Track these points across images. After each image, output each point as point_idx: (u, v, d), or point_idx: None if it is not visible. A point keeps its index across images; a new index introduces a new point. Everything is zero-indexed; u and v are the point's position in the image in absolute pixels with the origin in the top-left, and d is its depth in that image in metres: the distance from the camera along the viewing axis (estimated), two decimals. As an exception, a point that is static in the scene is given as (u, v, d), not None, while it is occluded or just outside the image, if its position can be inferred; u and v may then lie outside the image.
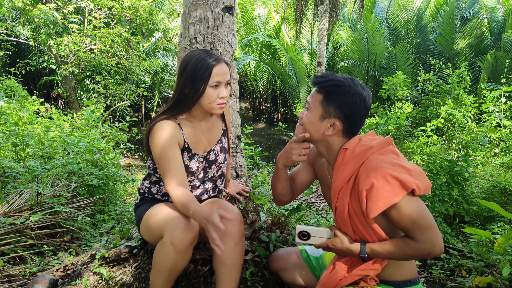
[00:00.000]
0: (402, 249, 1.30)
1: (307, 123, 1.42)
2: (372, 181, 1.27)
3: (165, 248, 1.47)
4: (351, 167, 1.35)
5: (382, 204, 1.26)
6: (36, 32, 8.50)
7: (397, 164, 1.30)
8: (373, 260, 1.38)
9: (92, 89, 9.26)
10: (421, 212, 1.27)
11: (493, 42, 10.09)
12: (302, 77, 11.67)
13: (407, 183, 1.25)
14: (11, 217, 2.43)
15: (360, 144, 1.37)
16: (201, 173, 1.74)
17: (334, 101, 1.35)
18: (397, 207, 1.26)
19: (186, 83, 1.57)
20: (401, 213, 1.27)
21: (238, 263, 1.60)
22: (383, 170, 1.27)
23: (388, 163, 1.29)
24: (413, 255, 1.30)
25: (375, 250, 1.34)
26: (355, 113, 1.36)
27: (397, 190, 1.25)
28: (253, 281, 1.83)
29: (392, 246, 1.31)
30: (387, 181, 1.25)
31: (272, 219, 2.30)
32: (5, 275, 2.08)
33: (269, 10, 14.14)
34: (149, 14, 9.14)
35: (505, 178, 3.15)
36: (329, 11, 9.10)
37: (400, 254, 1.31)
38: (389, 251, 1.32)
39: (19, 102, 5.12)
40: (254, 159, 4.45)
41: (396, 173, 1.26)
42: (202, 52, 1.60)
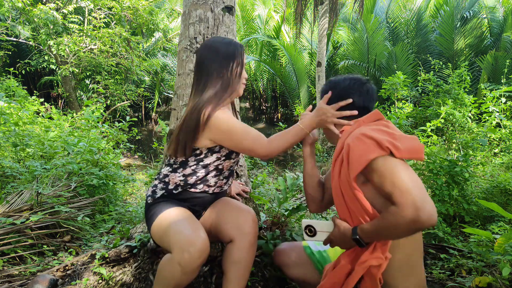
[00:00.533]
0: (386, 220, 1.19)
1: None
2: (348, 144, 1.29)
3: (172, 266, 1.42)
4: (339, 145, 1.39)
5: (358, 163, 1.24)
6: (36, 32, 8.50)
7: (378, 129, 1.30)
8: (372, 248, 1.29)
9: (92, 89, 9.26)
10: (401, 172, 1.19)
11: (493, 42, 10.09)
12: (302, 77, 11.66)
13: (382, 142, 1.23)
14: (11, 217, 2.43)
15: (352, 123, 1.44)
16: (226, 173, 1.72)
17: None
18: (374, 169, 1.23)
19: (224, 67, 1.60)
20: (379, 174, 1.22)
21: (249, 263, 1.61)
22: (360, 132, 1.29)
23: (368, 128, 1.31)
24: (398, 226, 1.16)
25: (364, 229, 1.27)
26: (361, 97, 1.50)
27: (372, 148, 1.23)
28: (253, 281, 1.83)
29: (378, 219, 1.24)
30: (362, 140, 1.26)
31: (272, 219, 2.30)
32: (5, 275, 2.08)
33: (269, 10, 14.14)
34: (149, 14, 9.15)
35: (505, 178, 3.15)
36: (329, 11, 9.10)
37: (386, 226, 1.20)
38: (376, 226, 1.23)
39: (19, 102, 5.11)
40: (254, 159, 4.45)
41: (371, 134, 1.26)
42: (220, 37, 1.68)
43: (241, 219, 1.61)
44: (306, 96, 11.71)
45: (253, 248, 1.61)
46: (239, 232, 1.58)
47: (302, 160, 1.71)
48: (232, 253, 1.57)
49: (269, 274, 1.91)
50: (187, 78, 2.27)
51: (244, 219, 1.61)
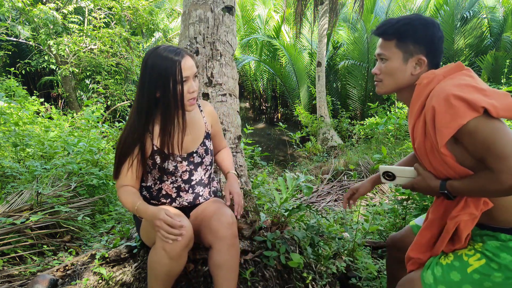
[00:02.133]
0: (479, 182, 1.15)
1: (389, 73, 1.34)
2: (433, 107, 1.17)
3: (157, 254, 1.46)
4: (419, 101, 1.27)
5: (447, 130, 1.14)
6: (36, 32, 8.50)
7: (466, 84, 1.17)
8: (463, 203, 1.25)
9: (92, 89, 9.26)
10: (497, 135, 1.09)
11: (493, 42, 10.10)
12: (302, 77, 11.67)
13: (475, 102, 1.10)
14: (11, 217, 2.44)
15: (426, 75, 1.28)
16: (186, 175, 1.70)
17: (410, 39, 1.30)
18: (467, 131, 1.12)
19: (155, 86, 1.49)
20: (472, 137, 1.12)
21: (234, 265, 1.58)
22: (445, 92, 1.15)
23: (454, 85, 1.17)
24: (493, 190, 1.12)
25: (454, 186, 1.23)
26: (434, 41, 1.31)
27: (462, 111, 1.11)
28: (253, 281, 1.83)
29: (470, 180, 1.18)
30: (450, 103, 1.13)
31: (272, 219, 2.30)
32: (5, 275, 2.08)
33: (269, 10, 14.14)
34: (149, 14, 9.15)
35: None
36: (329, 11, 9.10)
37: (478, 187, 1.16)
38: (467, 185, 1.19)
39: (19, 102, 5.11)
40: (254, 159, 4.46)
41: (460, 93, 1.12)
42: (161, 48, 1.51)
43: (214, 223, 1.56)
44: (306, 96, 11.71)
45: (232, 249, 1.57)
46: (215, 237, 1.55)
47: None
48: (213, 258, 1.56)
49: (269, 274, 1.91)
50: (187, 78, 2.27)
51: (217, 223, 1.56)
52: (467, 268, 1.25)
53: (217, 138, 1.90)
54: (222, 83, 2.29)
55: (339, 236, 2.55)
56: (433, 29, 1.31)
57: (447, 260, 1.31)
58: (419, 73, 1.32)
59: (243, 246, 1.96)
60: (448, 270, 1.28)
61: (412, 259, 1.41)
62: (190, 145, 1.70)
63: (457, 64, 1.28)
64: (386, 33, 1.33)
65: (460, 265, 1.27)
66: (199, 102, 1.80)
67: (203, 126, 1.77)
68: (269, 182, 3.93)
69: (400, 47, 1.31)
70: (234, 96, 2.37)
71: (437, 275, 1.30)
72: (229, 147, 2.25)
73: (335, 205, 4.29)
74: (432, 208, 1.38)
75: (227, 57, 2.34)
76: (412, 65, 1.32)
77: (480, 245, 1.28)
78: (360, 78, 10.83)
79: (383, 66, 1.36)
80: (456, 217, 1.26)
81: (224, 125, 2.26)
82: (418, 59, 1.31)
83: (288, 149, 10.45)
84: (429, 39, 1.30)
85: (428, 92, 1.24)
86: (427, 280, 1.31)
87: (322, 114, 9.40)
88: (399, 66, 1.32)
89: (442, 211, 1.34)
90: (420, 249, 1.39)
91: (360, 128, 8.07)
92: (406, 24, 1.30)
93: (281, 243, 2.00)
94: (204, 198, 1.78)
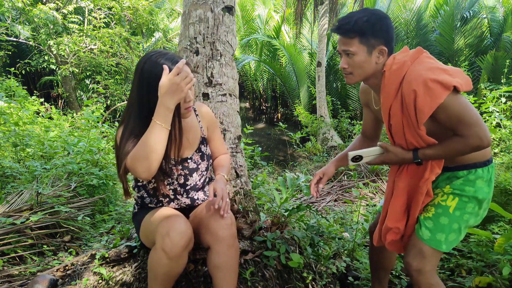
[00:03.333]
0: (451, 147, 1.40)
1: (358, 66, 1.50)
2: (414, 90, 1.37)
3: (157, 254, 1.45)
4: (393, 85, 1.46)
5: (428, 109, 1.36)
6: (36, 32, 8.50)
7: (434, 67, 1.39)
8: (430, 166, 1.48)
9: (92, 89, 9.26)
10: (465, 107, 1.36)
11: (493, 42, 10.09)
12: (302, 77, 11.66)
13: (447, 83, 1.33)
14: (11, 217, 2.43)
15: (395, 62, 1.46)
16: (182, 179, 1.68)
17: (370, 34, 1.45)
18: (442, 107, 1.36)
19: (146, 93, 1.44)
20: (446, 112, 1.36)
21: (233, 266, 1.56)
22: (422, 77, 1.36)
23: (425, 69, 1.38)
24: (463, 151, 1.40)
25: (426, 153, 1.46)
26: (389, 31, 1.47)
27: (439, 92, 1.34)
28: (253, 281, 1.83)
29: (441, 146, 1.43)
30: (428, 86, 1.35)
31: (272, 219, 2.30)
32: (5, 275, 2.08)
33: (269, 10, 14.14)
34: (149, 14, 9.15)
35: (505, 178, 3.14)
36: (329, 11, 9.10)
37: (450, 152, 1.42)
38: (439, 151, 1.43)
39: (19, 102, 5.11)
40: (254, 159, 4.46)
41: (434, 76, 1.35)
42: (157, 54, 1.46)
43: (213, 224, 1.55)
44: (306, 96, 11.71)
45: (231, 250, 1.55)
46: (214, 238, 1.53)
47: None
48: (212, 260, 1.54)
49: (269, 274, 1.91)
50: (187, 78, 2.26)
51: (216, 224, 1.54)
52: (449, 210, 1.49)
53: (215, 142, 1.83)
54: (222, 83, 2.29)
55: (339, 236, 2.55)
56: (386, 21, 1.47)
57: (431, 212, 1.52)
58: (382, 61, 1.50)
59: (243, 246, 1.96)
60: (436, 218, 1.50)
61: (390, 229, 1.59)
62: (185, 151, 1.67)
63: (418, 49, 1.49)
64: (349, 32, 1.47)
65: (442, 210, 1.50)
66: (195, 105, 1.76)
67: (198, 131, 1.73)
68: (269, 182, 3.93)
69: (363, 42, 1.46)
70: (234, 96, 2.37)
71: (430, 227, 1.50)
72: (229, 147, 2.25)
73: (335, 205, 4.29)
74: (397, 178, 1.58)
75: (227, 57, 2.34)
76: (376, 55, 1.48)
77: (448, 187, 1.52)
78: (360, 78, 10.81)
79: (350, 61, 1.51)
80: (427, 179, 1.48)
81: (224, 125, 2.26)
82: (380, 49, 1.47)
83: (288, 149, 10.45)
84: (385, 31, 1.46)
85: (401, 76, 1.44)
86: (426, 236, 1.49)
87: (322, 114, 9.40)
88: (365, 59, 1.48)
89: (409, 178, 1.55)
90: (396, 217, 1.57)
91: (360, 128, 8.07)
92: (365, 22, 1.45)
93: (281, 243, 2.00)
94: (202, 200, 1.77)
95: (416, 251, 1.49)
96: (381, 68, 1.50)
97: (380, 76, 1.52)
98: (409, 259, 1.50)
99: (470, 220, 1.50)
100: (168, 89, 1.34)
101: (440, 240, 1.47)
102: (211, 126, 1.80)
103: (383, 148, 1.57)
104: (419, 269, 1.47)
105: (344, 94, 11.66)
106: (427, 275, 1.47)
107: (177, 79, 1.34)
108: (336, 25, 1.50)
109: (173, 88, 1.34)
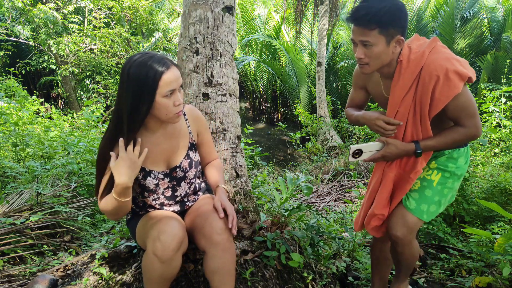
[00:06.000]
0: (452, 137, 1.50)
1: (376, 57, 1.48)
2: (437, 76, 1.42)
3: (149, 259, 1.43)
4: (410, 74, 1.49)
5: (445, 98, 1.42)
6: (36, 32, 8.50)
7: (451, 57, 1.44)
8: (421, 159, 1.57)
9: (92, 89, 9.26)
10: (470, 99, 1.45)
11: (493, 42, 10.09)
12: (302, 77, 11.66)
13: (463, 74, 1.39)
14: (11, 217, 2.43)
15: (412, 52, 1.49)
16: (169, 192, 1.63)
17: (391, 25, 1.42)
18: (455, 97, 1.42)
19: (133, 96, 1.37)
20: (456, 102, 1.43)
21: (229, 269, 1.53)
22: (444, 67, 1.41)
23: (444, 59, 1.43)
24: (461, 140, 1.51)
25: (428, 144, 1.53)
26: (406, 21, 1.47)
27: (456, 83, 1.40)
28: (253, 281, 1.83)
29: (443, 137, 1.51)
30: (448, 76, 1.40)
31: (272, 219, 2.30)
32: (5, 275, 2.08)
33: (269, 10, 14.14)
34: (149, 14, 9.15)
35: (505, 178, 3.14)
36: (329, 11, 9.10)
37: (451, 142, 1.51)
38: (439, 142, 1.52)
39: (19, 102, 5.11)
40: (254, 159, 4.45)
41: (453, 67, 1.40)
42: (144, 56, 1.38)
43: (207, 229, 1.50)
44: (306, 96, 11.71)
45: (226, 254, 1.51)
46: (208, 243, 1.50)
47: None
48: (208, 264, 1.52)
49: (269, 274, 1.91)
50: (187, 78, 2.27)
51: (210, 229, 1.49)
52: (432, 183, 1.61)
53: (205, 148, 1.75)
54: (222, 83, 2.29)
55: (339, 236, 2.55)
56: (404, 9, 1.46)
57: (417, 185, 1.63)
58: (398, 50, 1.50)
59: (243, 246, 1.96)
60: (422, 190, 1.62)
61: (375, 215, 1.68)
62: (173, 158, 1.60)
63: (434, 39, 1.52)
64: (369, 23, 1.42)
65: (427, 183, 1.62)
66: (184, 109, 1.67)
67: (187, 136, 1.65)
68: (269, 182, 3.93)
69: (383, 33, 1.43)
70: (234, 96, 2.37)
71: (416, 198, 1.61)
72: (229, 147, 2.25)
73: (335, 205, 4.29)
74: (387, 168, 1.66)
75: (227, 57, 2.34)
76: (393, 45, 1.48)
77: (433, 163, 1.63)
78: (360, 78, 10.81)
79: (368, 52, 1.47)
80: (418, 171, 1.58)
81: (224, 125, 2.26)
82: (397, 39, 1.46)
83: (288, 149, 10.45)
84: (403, 20, 1.45)
85: (420, 66, 1.47)
86: (412, 206, 1.61)
87: (322, 114, 9.40)
88: (384, 49, 1.47)
89: (398, 167, 1.64)
90: (382, 204, 1.66)
91: (360, 128, 8.07)
92: (385, 13, 1.41)
93: (281, 243, 2.00)
94: (192, 202, 1.74)
95: (402, 222, 1.61)
96: (397, 57, 1.51)
97: (394, 64, 1.54)
98: (396, 231, 1.62)
99: (448, 194, 1.64)
100: (123, 168, 1.38)
101: (423, 210, 1.61)
102: (201, 131, 1.72)
103: (382, 142, 1.61)
104: (404, 238, 1.61)
105: (344, 94, 11.65)
106: (410, 241, 1.64)
107: (130, 155, 1.37)
108: (354, 15, 1.44)
109: (127, 164, 1.39)
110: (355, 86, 1.82)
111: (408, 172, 1.61)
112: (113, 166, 1.39)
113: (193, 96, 2.24)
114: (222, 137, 2.24)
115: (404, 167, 1.63)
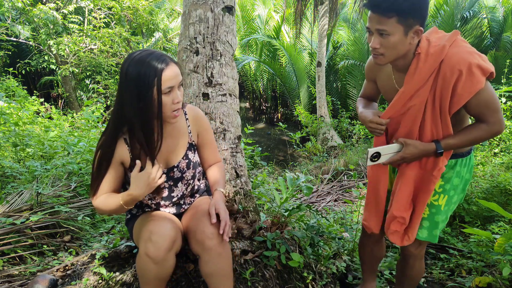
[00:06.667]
0: (475, 134, 1.43)
1: (392, 47, 1.38)
2: (460, 71, 1.34)
3: (142, 260, 1.42)
4: (428, 68, 1.41)
5: (468, 94, 1.35)
6: (36, 32, 8.50)
7: (472, 51, 1.37)
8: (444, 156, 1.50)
9: (92, 89, 9.26)
10: (493, 94, 1.38)
11: (493, 42, 10.09)
12: (302, 77, 11.66)
13: (486, 69, 1.33)
14: (11, 217, 2.43)
15: (432, 45, 1.41)
16: (165, 192, 1.61)
17: (410, 14, 1.33)
18: (477, 92, 1.35)
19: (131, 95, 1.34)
20: (478, 97, 1.36)
21: (225, 272, 1.52)
22: (467, 61, 1.33)
23: (466, 53, 1.36)
24: (485, 137, 1.44)
25: (449, 143, 1.46)
26: (427, 10, 1.38)
27: (479, 78, 1.33)
28: (253, 281, 1.83)
29: (465, 135, 1.44)
30: (471, 71, 1.33)
31: (272, 219, 2.30)
32: (5, 275, 2.08)
33: (269, 10, 14.14)
34: (149, 14, 9.14)
35: (505, 178, 3.14)
36: (329, 11, 9.10)
37: (474, 139, 1.44)
38: (462, 140, 1.45)
39: (19, 102, 5.11)
40: (254, 159, 4.45)
41: (476, 61, 1.33)
42: (143, 54, 1.36)
43: (199, 235, 1.47)
44: (306, 96, 11.71)
45: (220, 259, 1.48)
46: (200, 248, 1.47)
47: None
48: (203, 268, 1.51)
49: (269, 274, 1.91)
50: (187, 78, 2.27)
51: (202, 235, 1.46)
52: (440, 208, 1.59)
53: (207, 150, 1.70)
54: (222, 83, 2.29)
55: (339, 236, 2.55)
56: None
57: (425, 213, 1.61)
58: (416, 41, 1.41)
59: (243, 246, 1.96)
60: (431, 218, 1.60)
61: (395, 218, 1.60)
62: (171, 158, 1.58)
63: (455, 32, 1.43)
64: (387, 11, 1.32)
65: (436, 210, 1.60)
66: (186, 108, 1.64)
67: (186, 136, 1.61)
68: (269, 182, 3.93)
69: (402, 22, 1.33)
70: (234, 96, 2.37)
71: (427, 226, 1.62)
72: (229, 147, 2.25)
73: (335, 205, 4.29)
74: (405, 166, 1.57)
75: (227, 57, 2.34)
76: (411, 36, 1.37)
77: (438, 184, 1.59)
78: (360, 78, 10.83)
79: (384, 41, 1.38)
80: (441, 168, 1.51)
81: (224, 125, 2.26)
82: (416, 30, 1.37)
83: (288, 149, 10.45)
84: (424, 10, 1.36)
85: (439, 59, 1.38)
86: (424, 235, 1.62)
87: (322, 114, 9.40)
88: (401, 40, 1.37)
89: (418, 166, 1.56)
90: (402, 206, 1.59)
91: (360, 128, 8.07)
92: (406, 0, 1.31)
93: (281, 243, 2.00)
94: (189, 204, 1.72)
95: (416, 244, 1.66)
96: (413, 49, 1.42)
97: (410, 56, 1.44)
98: (410, 250, 1.67)
99: (455, 206, 1.64)
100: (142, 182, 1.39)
101: (435, 235, 1.62)
102: (202, 132, 1.67)
103: (400, 143, 1.53)
104: (417, 253, 1.68)
105: (344, 94, 11.66)
106: (422, 255, 1.71)
107: (153, 174, 1.39)
108: (372, 1, 1.34)
109: (148, 181, 1.39)
110: (367, 78, 1.76)
111: (430, 170, 1.53)
112: (134, 175, 1.40)
113: (193, 96, 2.24)
114: (222, 137, 2.24)
115: (424, 165, 1.55)
